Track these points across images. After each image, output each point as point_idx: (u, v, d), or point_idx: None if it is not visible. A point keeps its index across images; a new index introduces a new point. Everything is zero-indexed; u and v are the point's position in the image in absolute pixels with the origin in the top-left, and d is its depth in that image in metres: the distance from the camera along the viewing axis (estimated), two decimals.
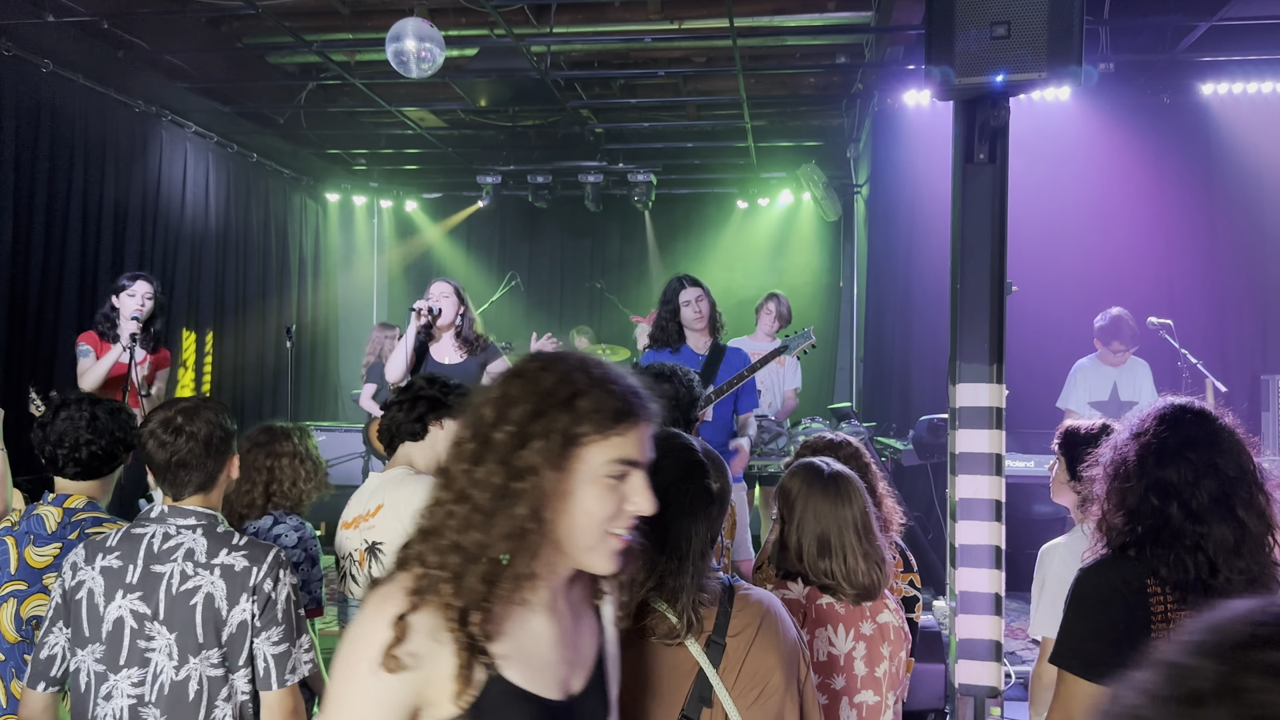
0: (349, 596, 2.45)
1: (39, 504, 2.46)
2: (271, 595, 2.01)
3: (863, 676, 2.13)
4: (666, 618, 1.63)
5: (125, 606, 1.98)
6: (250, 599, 1.99)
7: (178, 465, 2.07)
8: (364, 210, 10.95)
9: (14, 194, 5.68)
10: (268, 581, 2.01)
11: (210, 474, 2.11)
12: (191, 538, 2.03)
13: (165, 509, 2.07)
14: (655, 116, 8.48)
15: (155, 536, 2.03)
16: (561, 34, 6.27)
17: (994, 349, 3.03)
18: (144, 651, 1.97)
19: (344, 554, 2.52)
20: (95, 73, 6.31)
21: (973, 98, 2.96)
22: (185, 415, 2.10)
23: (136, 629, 1.98)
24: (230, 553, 2.02)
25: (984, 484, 2.98)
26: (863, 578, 2.11)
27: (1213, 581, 1.68)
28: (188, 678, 1.96)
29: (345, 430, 7.96)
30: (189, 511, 2.06)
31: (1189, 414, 1.81)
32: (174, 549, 2.01)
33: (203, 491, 2.11)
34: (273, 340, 8.78)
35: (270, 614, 2.01)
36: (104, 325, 4.64)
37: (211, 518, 2.08)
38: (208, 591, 1.98)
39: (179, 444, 2.07)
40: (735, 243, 10.26)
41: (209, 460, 2.09)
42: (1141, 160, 6.85)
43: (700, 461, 1.72)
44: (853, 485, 2.18)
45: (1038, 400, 6.04)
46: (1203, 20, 5.78)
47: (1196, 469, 1.73)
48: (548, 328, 10.35)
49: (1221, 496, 1.71)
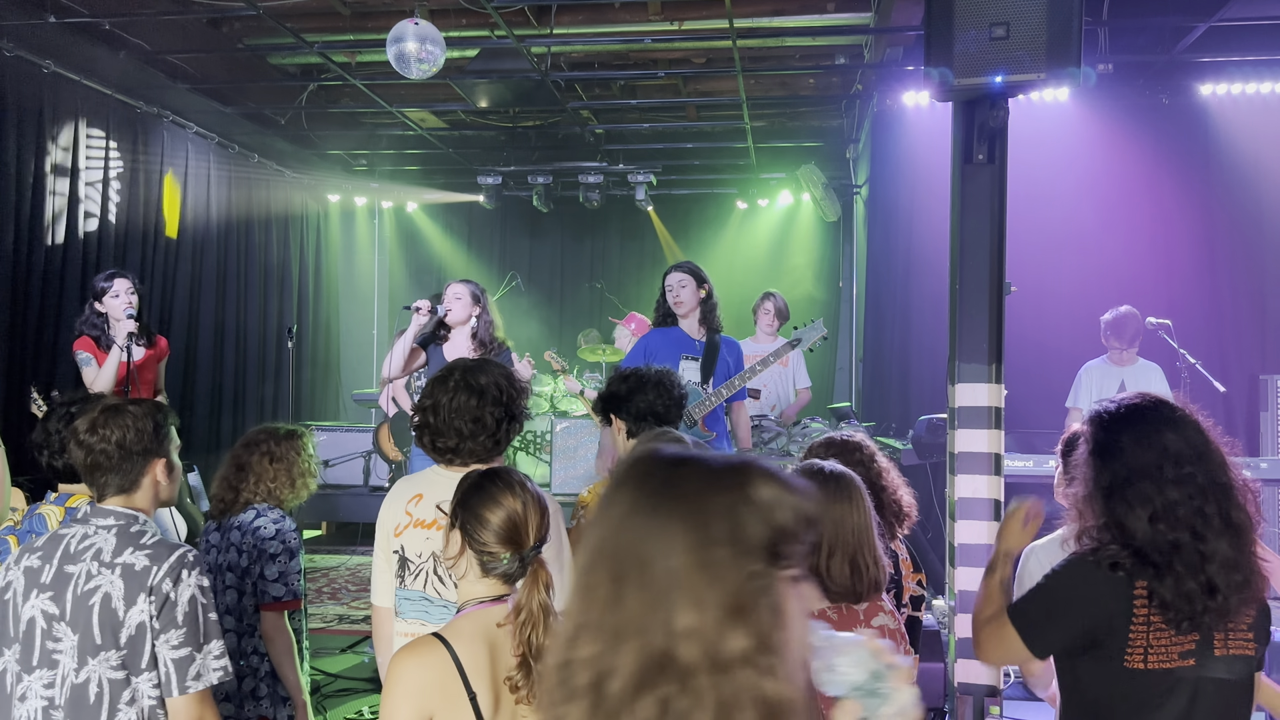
0: (435, 597, 2.38)
1: (41, 504, 2.48)
2: (171, 596, 1.94)
3: None
4: None
5: (38, 606, 1.96)
6: (148, 599, 1.92)
7: (93, 466, 2.05)
8: (365, 211, 10.96)
9: (15, 194, 5.69)
10: (166, 581, 1.94)
11: (130, 475, 2.06)
12: (105, 537, 1.99)
13: (89, 509, 2.05)
14: (655, 117, 8.49)
15: (75, 537, 2.01)
16: (562, 35, 6.28)
17: (993, 349, 3.04)
18: (52, 653, 1.94)
19: (417, 553, 2.36)
20: (96, 73, 6.32)
21: (972, 98, 2.97)
22: (106, 416, 2.07)
23: (46, 629, 1.94)
24: (135, 552, 1.97)
25: (983, 484, 3.00)
26: (847, 581, 2.08)
27: (1211, 602, 1.70)
28: (87, 680, 1.92)
29: (346, 430, 7.97)
30: (109, 511, 2.03)
31: (1165, 421, 1.80)
32: (86, 549, 1.98)
33: (124, 492, 2.07)
34: (274, 340, 8.79)
35: (169, 615, 1.93)
36: (95, 332, 4.57)
37: (130, 518, 2.04)
38: (106, 591, 1.93)
39: (94, 445, 2.04)
40: (735, 243, 10.28)
41: (125, 462, 2.05)
42: (1140, 161, 6.86)
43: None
44: (853, 486, 2.15)
45: (1036, 400, 6.05)
46: (1201, 21, 5.79)
47: (1185, 487, 1.73)
48: (548, 328, 10.40)
49: (1216, 513, 1.73)
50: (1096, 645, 1.74)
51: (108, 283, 4.59)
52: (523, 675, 1.79)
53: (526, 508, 1.87)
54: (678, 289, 4.52)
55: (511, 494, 1.88)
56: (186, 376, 7.49)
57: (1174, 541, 1.72)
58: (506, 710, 1.81)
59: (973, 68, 2.81)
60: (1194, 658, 1.72)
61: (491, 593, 1.89)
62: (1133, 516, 1.75)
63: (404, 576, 2.38)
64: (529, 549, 1.86)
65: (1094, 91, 6.49)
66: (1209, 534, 1.71)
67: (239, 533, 2.86)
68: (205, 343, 7.74)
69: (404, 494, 2.45)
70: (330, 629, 5.25)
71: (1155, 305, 5.94)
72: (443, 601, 2.34)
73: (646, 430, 2.82)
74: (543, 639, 1.78)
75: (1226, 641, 1.74)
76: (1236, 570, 1.71)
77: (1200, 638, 1.73)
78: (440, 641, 1.82)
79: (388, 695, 1.80)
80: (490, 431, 2.32)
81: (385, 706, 1.80)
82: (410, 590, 2.37)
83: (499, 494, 1.88)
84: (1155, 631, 1.72)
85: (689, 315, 4.54)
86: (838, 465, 2.23)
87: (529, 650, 1.79)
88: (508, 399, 2.34)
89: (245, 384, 8.39)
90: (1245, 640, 1.76)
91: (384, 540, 2.45)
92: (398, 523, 2.42)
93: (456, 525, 1.89)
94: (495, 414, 2.31)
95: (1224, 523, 1.72)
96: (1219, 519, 1.72)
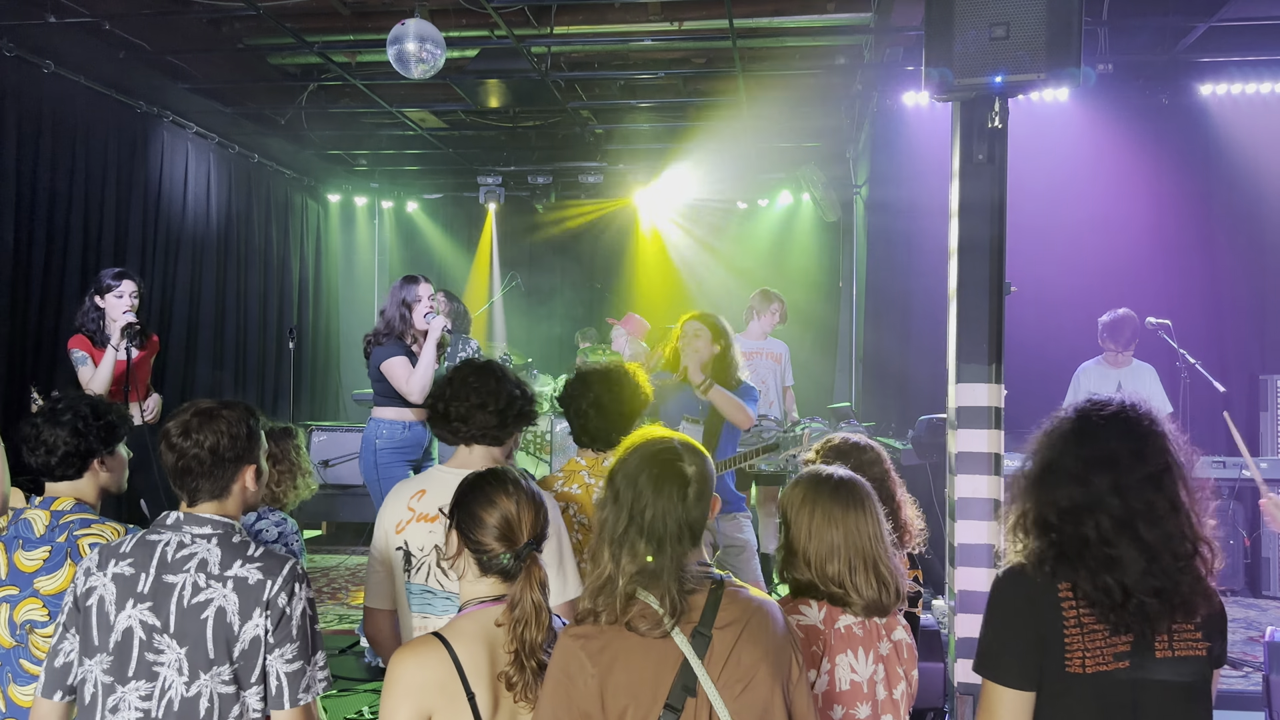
0: (438, 589, 2.41)
1: (26, 508, 2.44)
2: (286, 610, 1.92)
3: (883, 701, 2.09)
4: (650, 609, 1.65)
5: (135, 616, 1.90)
6: (264, 614, 1.90)
7: (184, 471, 2.00)
8: (365, 211, 10.96)
9: (15, 194, 5.69)
10: (282, 596, 1.92)
11: (222, 482, 2.02)
12: (206, 547, 1.94)
13: (181, 516, 2.00)
14: (655, 117, 8.49)
15: (169, 545, 1.95)
16: (562, 35, 6.28)
17: (993, 349, 3.04)
18: (152, 665, 1.89)
19: (420, 546, 2.39)
20: (97, 73, 6.32)
21: (972, 98, 2.97)
22: (200, 419, 2.02)
23: (145, 640, 1.90)
24: (245, 564, 1.93)
25: (983, 483, 3.00)
26: (870, 591, 2.05)
27: (1126, 603, 1.66)
28: (199, 694, 1.88)
29: (346, 430, 7.96)
30: (205, 520, 1.98)
31: (1102, 421, 1.76)
32: (188, 558, 1.93)
33: (216, 499, 2.02)
34: (274, 340, 8.79)
35: (285, 630, 1.91)
36: (92, 326, 4.56)
37: (228, 526, 1.99)
38: (220, 605, 1.89)
39: (187, 449, 1.99)
40: (735, 243, 10.28)
41: (217, 468, 2.00)
42: (1140, 161, 6.86)
43: (671, 446, 1.77)
44: (862, 491, 2.13)
45: (1036, 400, 5.98)
46: (1201, 21, 5.79)
47: (1102, 486, 1.70)
48: (548, 328, 10.41)
49: (1128, 517, 1.68)
50: (1045, 652, 1.70)
51: (115, 281, 4.59)
52: (516, 671, 1.79)
53: (520, 506, 1.89)
54: (691, 337, 4.06)
55: (505, 493, 1.90)
56: (186, 376, 7.49)
57: (1083, 537, 1.69)
58: (505, 710, 1.81)
59: (973, 68, 2.81)
60: (1129, 659, 1.68)
61: (492, 592, 1.90)
62: (1049, 507, 1.73)
63: (409, 571, 2.40)
64: (523, 546, 1.87)
65: (1094, 91, 6.49)
66: (1121, 539, 1.67)
67: None
68: (205, 342, 7.73)
69: (406, 492, 2.49)
70: (330, 629, 5.25)
71: (1155, 305, 5.95)
72: (445, 594, 2.37)
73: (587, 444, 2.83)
74: (536, 636, 1.79)
75: (1170, 642, 1.69)
76: (1152, 577, 1.65)
77: (1136, 639, 1.68)
78: (440, 641, 1.83)
79: (387, 694, 1.81)
80: (499, 408, 2.44)
81: (385, 705, 1.80)
82: (413, 584, 2.39)
83: (493, 493, 1.90)
84: (1089, 634, 1.68)
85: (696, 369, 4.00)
86: (843, 470, 2.20)
87: (523, 648, 1.79)
88: (515, 384, 2.51)
89: (245, 384, 8.39)
90: (1192, 641, 1.70)
91: (383, 541, 2.47)
92: (399, 519, 2.45)
93: (453, 525, 1.92)
94: (506, 392, 2.47)
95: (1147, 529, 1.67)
96: (1143, 525, 1.67)
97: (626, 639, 1.66)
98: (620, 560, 1.68)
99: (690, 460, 1.76)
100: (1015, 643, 1.74)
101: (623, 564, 1.68)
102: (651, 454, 1.76)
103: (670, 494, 1.71)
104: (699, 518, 1.74)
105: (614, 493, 1.75)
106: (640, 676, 1.64)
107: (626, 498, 1.72)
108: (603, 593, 1.69)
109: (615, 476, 1.77)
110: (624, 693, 1.63)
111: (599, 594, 1.69)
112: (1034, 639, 1.71)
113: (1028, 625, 1.72)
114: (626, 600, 1.67)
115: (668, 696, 1.62)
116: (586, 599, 1.72)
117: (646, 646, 1.65)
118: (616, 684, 1.63)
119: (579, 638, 1.69)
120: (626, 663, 1.64)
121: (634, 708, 1.63)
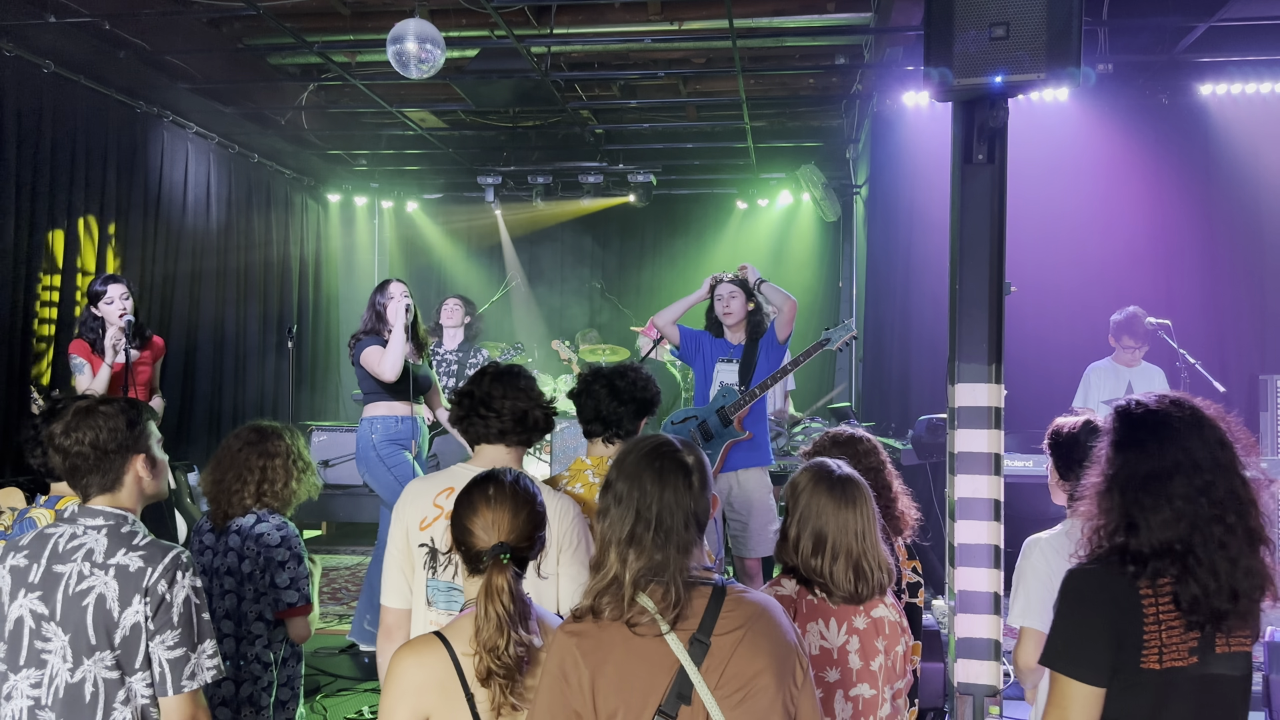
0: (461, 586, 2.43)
1: (32, 507, 2.47)
2: (166, 597, 1.96)
3: (858, 670, 2.15)
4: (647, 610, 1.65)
5: (26, 606, 1.97)
6: (143, 600, 1.94)
7: (72, 469, 2.06)
8: (365, 210, 10.96)
9: (15, 194, 5.69)
10: (162, 583, 1.96)
11: (111, 475, 2.07)
12: (95, 538, 2.00)
13: (75, 508, 2.06)
14: (655, 117, 8.50)
15: (62, 536, 2.01)
16: (562, 35, 6.28)
17: (993, 349, 3.04)
18: (40, 653, 1.95)
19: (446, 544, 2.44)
20: (97, 73, 6.32)
21: (971, 98, 2.97)
22: (78, 418, 2.08)
23: (35, 629, 1.96)
24: (128, 553, 1.98)
25: (983, 483, 2.99)
26: (850, 586, 2.13)
27: (1232, 605, 1.70)
28: (82, 680, 1.93)
29: (346, 430, 7.96)
30: (97, 511, 2.04)
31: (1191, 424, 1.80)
32: (76, 549, 1.99)
33: (108, 491, 2.08)
34: (274, 340, 8.79)
35: (165, 616, 1.95)
36: (91, 335, 4.57)
37: (120, 518, 2.05)
38: (100, 592, 1.94)
39: (69, 448, 2.05)
40: (735, 243, 10.27)
41: (103, 462, 2.06)
42: (1140, 161, 6.86)
43: (667, 440, 1.79)
44: (860, 491, 2.19)
45: (1036, 400, 6.04)
46: (1201, 21, 5.79)
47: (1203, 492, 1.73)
48: (548, 328, 10.40)
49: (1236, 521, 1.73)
50: (1119, 649, 1.73)
51: (103, 287, 4.59)
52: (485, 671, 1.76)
53: (497, 506, 1.87)
54: (728, 299, 4.65)
55: (485, 493, 1.89)
56: (186, 377, 7.49)
57: (1189, 543, 1.71)
58: (505, 711, 1.81)
59: (973, 68, 2.80)
60: (1198, 655, 1.72)
61: None
62: (1147, 515, 1.74)
63: (435, 568, 2.42)
64: (492, 546, 1.83)
65: (1094, 91, 6.49)
66: (1230, 541, 1.71)
67: (238, 537, 2.81)
68: (205, 343, 7.74)
69: (430, 490, 2.51)
70: (330, 629, 5.25)
71: (1155, 305, 5.94)
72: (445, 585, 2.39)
73: (598, 432, 2.83)
74: (494, 640, 1.76)
75: (1228, 639, 1.74)
76: (1254, 575, 1.72)
77: (1202, 635, 1.72)
78: (440, 640, 1.82)
79: (387, 692, 1.81)
80: (518, 415, 2.53)
81: (384, 703, 1.80)
82: (439, 581, 2.42)
83: (476, 493, 1.90)
84: (1167, 630, 1.71)
85: (736, 327, 4.67)
86: (846, 467, 2.27)
87: (482, 648, 1.76)
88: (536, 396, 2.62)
89: (245, 384, 8.39)
90: (1244, 637, 1.76)
91: (402, 538, 2.47)
92: (424, 516, 2.47)
93: (450, 523, 1.94)
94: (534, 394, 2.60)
95: (1242, 530, 1.73)
96: (1238, 527, 1.72)
97: (620, 639, 1.65)
98: (627, 558, 1.68)
99: (688, 451, 1.78)
100: (1091, 639, 1.75)
101: (629, 561, 1.67)
102: (650, 450, 1.77)
103: (675, 485, 1.72)
104: (704, 507, 1.75)
105: (616, 495, 1.74)
106: (631, 678, 1.63)
107: (632, 496, 1.72)
108: (607, 592, 1.68)
109: (614, 480, 1.77)
110: (614, 694, 1.63)
111: (603, 593, 1.69)
112: (1111, 636, 1.73)
113: (1106, 622, 1.74)
114: (632, 598, 1.67)
115: (662, 703, 1.61)
116: (587, 598, 1.71)
117: (640, 648, 1.64)
118: (607, 684, 1.63)
119: (573, 634, 1.69)
120: (618, 663, 1.64)
121: (624, 710, 1.62)
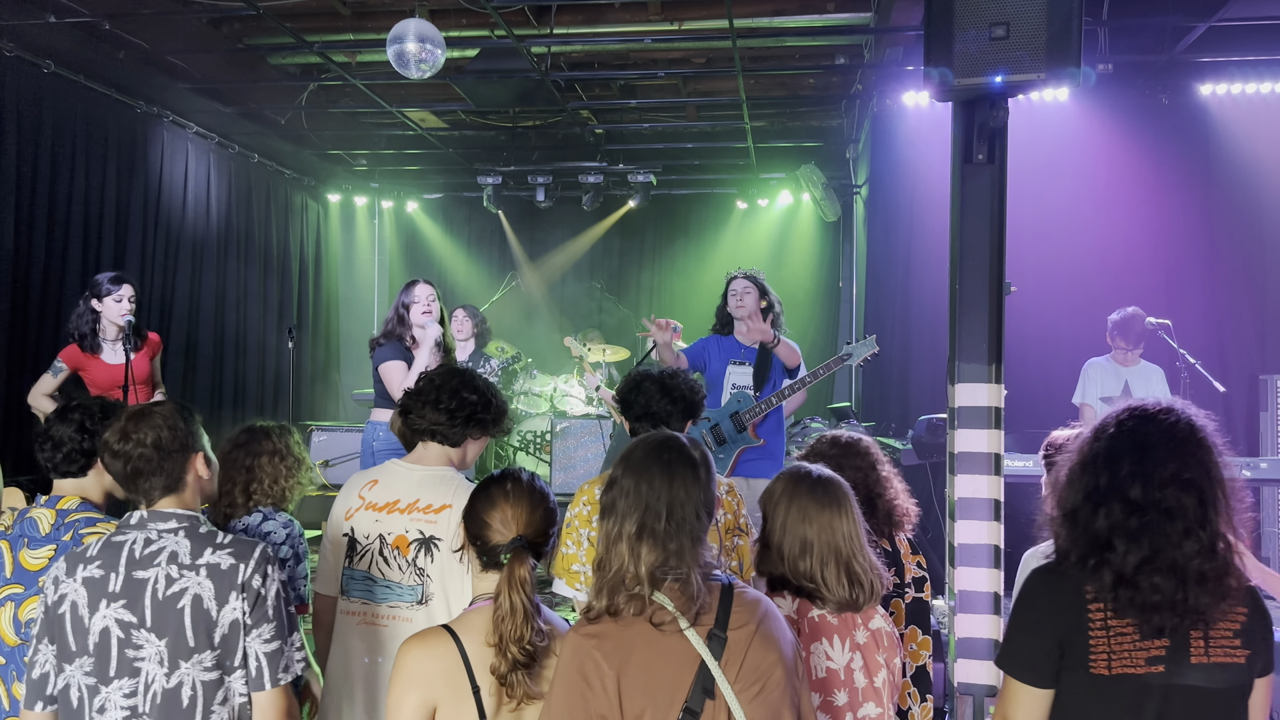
0: (379, 577, 2.45)
1: (32, 506, 2.46)
2: (261, 591, 1.96)
3: (863, 688, 2.12)
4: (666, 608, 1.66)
5: (110, 616, 1.94)
6: (240, 597, 1.94)
7: (135, 474, 2.04)
8: (365, 210, 10.96)
9: (15, 194, 5.69)
10: (256, 578, 1.96)
11: (174, 475, 2.06)
12: (174, 540, 1.98)
13: (144, 514, 2.03)
14: (655, 117, 8.50)
15: (136, 542, 1.98)
16: (562, 35, 6.28)
17: (993, 349, 3.04)
18: (133, 661, 1.93)
19: (365, 534, 2.46)
20: (96, 73, 6.32)
21: (971, 98, 2.97)
22: (134, 422, 2.06)
23: (124, 638, 1.93)
24: (215, 551, 1.97)
25: (983, 483, 2.99)
26: (845, 591, 2.08)
27: (1134, 595, 1.67)
28: (179, 684, 1.92)
29: (346, 430, 7.97)
30: (168, 514, 2.02)
31: (1133, 421, 1.79)
32: (156, 553, 1.97)
33: (172, 493, 2.06)
34: (274, 340, 8.79)
35: (261, 611, 1.96)
36: (85, 330, 4.52)
37: (192, 519, 2.04)
38: (195, 593, 1.93)
39: (130, 452, 2.03)
40: (735, 243, 10.27)
41: (166, 462, 2.04)
42: (1140, 161, 6.86)
43: (672, 435, 1.81)
44: (841, 491, 2.16)
45: (1036, 400, 6.05)
46: (1201, 21, 5.79)
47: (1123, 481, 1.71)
48: (548, 328, 10.40)
49: (1146, 505, 1.69)
50: (1066, 654, 1.72)
51: (114, 285, 4.55)
52: (502, 664, 1.78)
53: (514, 502, 1.92)
54: (741, 294, 4.57)
55: (503, 489, 1.94)
56: (186, 377, 7.49)
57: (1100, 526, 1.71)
58: (510, 704, 1.82)
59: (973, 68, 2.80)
60: (1164, 664, 1.68)
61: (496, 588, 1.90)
62: (1084, 510, 1.75)
63: (352, 557, 2.49)
64: (511, 540, 1.88)
65: (1094, 91, 6.49)
66: (1184, 545, 1.67)
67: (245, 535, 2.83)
68: (205, 342, 7.74)
69: (358, 481, 2.59)
70: None
71: (1155, 305, 5.94)
72: (385, 582, 2.43)
73: (645, 429, 2.84)
74: (514, 631, 1.79)
75: (1207, 649, 1.68)
76: (1207, 582, 1.66)
77: (1172, 644, 1.68)
78: (449, 633, 1.84)
79: (395, 682, 1.83)
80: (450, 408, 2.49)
81: (392, 693, 1.82)
82: (355, 570, 2.47)
83: (494, 489, 1.95)
84: (1116, 636, 1.69)
85: (749, 319, 4.56)
86: (825, 469, 2.24)
87: (500, 642, 1.79)
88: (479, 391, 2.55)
89: (245, 384, 8.39)
90: (1230, 648, 1.70)
91: (334, 528, 2.55)
92: (349, 507, 2.54)
93: (462, 520, 1.98)
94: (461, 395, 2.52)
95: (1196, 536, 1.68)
96: (1194, 533, 1.68)
97: (642, 638, 1.65)
98: (639, 552, 1.67)
99: (694, 446, 1.79)
100: (1034, 641, 1.77)
101: (641, 555, 1.67)
102: (656, 444, 1.78)
103: (685, 476, 1.73)
104: (712, 499, 1.77)
105: (622, 490, 1.74)
106: (657, 677, 1.63)
107: (640, 490, 1.72)
108: (621, 590, 1.67)
109: (620, 476, 1.77)
110: (641, 694, 1.63)
111: (616, 591, 1.68)
112: (1054, 639, 1.74)
113: (1049, 626, 1.75)
114: (649, 595, 1.66)
115: (687, 699, 1.62)
116: (599, 597, 1.70)
117: (662, 646, 1.65)
118: (633, 685, 1.63)
119: (592, 637, 1.67)
120: (642, 663, 1.64)
121: (652, 709, 1.62)
